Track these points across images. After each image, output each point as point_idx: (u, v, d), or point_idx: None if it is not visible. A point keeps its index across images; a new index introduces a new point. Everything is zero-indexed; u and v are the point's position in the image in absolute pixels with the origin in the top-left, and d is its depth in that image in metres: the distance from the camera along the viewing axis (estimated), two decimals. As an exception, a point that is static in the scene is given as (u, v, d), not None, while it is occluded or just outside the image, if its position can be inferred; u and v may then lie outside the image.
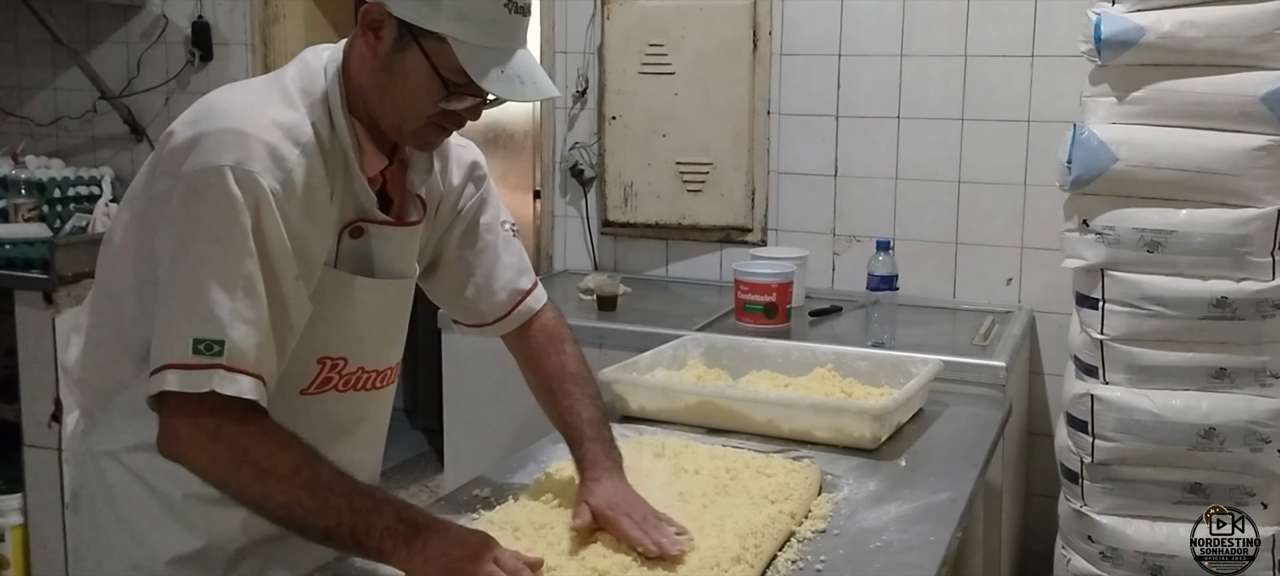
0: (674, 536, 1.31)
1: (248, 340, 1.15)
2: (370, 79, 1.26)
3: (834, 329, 2.73)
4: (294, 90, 1.27)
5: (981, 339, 2.59)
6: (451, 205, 1.50)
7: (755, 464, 1.66)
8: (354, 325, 1.35)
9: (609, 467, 1.43)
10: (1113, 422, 2.26)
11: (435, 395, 4.77)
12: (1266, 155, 2.15)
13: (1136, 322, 2.24)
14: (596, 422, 1.50)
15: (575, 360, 1.57)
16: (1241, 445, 2.20)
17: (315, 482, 1.16)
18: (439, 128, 1.29)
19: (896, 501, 1.59)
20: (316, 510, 1.15)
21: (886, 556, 1.40)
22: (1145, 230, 2.21)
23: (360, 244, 1.33)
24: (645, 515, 1.35)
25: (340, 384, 1.37)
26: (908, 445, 1.86)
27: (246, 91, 1.28)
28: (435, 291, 1.56)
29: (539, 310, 1.58)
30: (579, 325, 2.72)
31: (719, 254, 3.25)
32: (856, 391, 2.02)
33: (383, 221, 1.35)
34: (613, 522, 1.33)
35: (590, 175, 3.35)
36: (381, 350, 1.42)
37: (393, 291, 1.40)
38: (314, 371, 1.33)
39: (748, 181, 3.16)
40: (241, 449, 1.16)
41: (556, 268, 3.45)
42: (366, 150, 1.30)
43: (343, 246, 1.32)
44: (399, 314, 1.45)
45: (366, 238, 1.34)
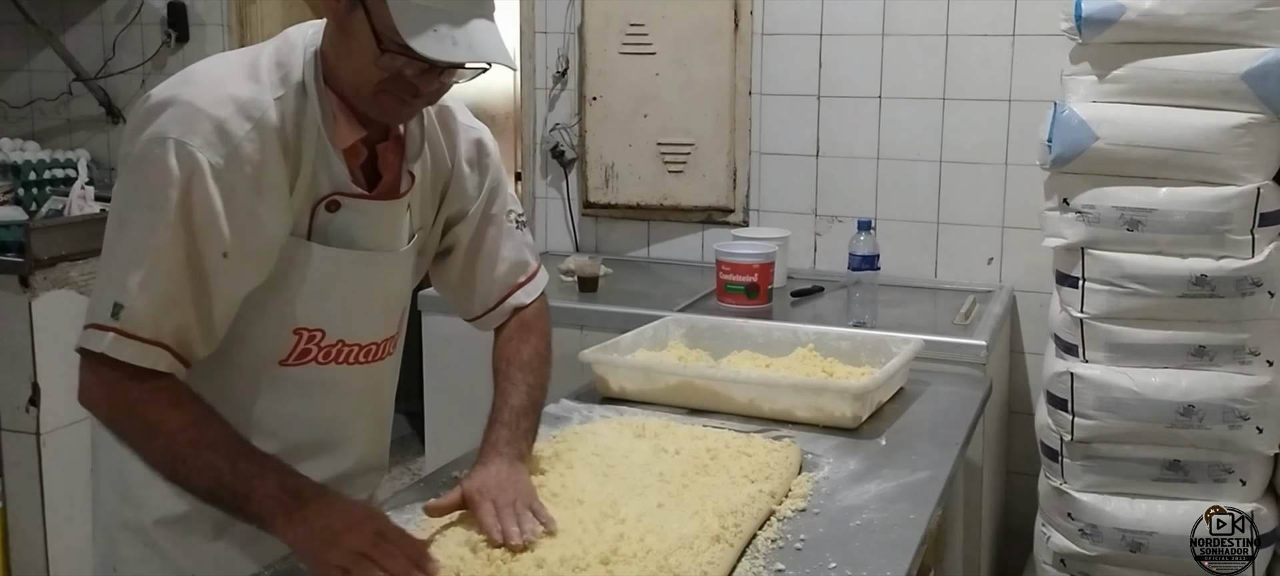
0: (531, 526, 1.28)
1: (149, 309, 1.19)
2: (332, 45, 1.28)
3: (815, 309, 2.73)
4: (268, 64, 1.28)
5: (962, 318, 2.59)
6: (462, 191, 1.50)
7: (736, 443, 1.66)
8: (329, 297, 1.35)
9: (504, 453, 1.39)
10: (1092, 400, 2.27)
11: (416, 377, 4.74)
12: (1246, 133, 2.16)
13: (1116, 301, 2.25)
14: (519, 409, 1.46)
15: (531, 350, 1.54)
16: (1220, 422, 2.21)
17: (199, 442, 1.19)
18: (396, 98, 1.27)
19: (877, 480, 1.59)
20: (198, 470, 1.18)
21: (866, 535, 1.40)
22: (1125, 209, 2.22)
23: (338, 217, 1.33)
24: (513, 502, 1.31)
25: (320, 356, 1.37)
26: (888, 424, 1.86)
27: (220, 65, 1.30)
28: (442, 278, 1.57)
29: (527, 304, 1.57)
30: (560, 306, 2.71)
31: (701, 235, 3.24)
32: (838, 371, 2.02)
33: (356, 194, 1.34)
34: (476, 507, 1.30)
35: (571, 156, 3.33)
36: (363, 324, 1.41)
37: (372, 265, 1.38)
38: (291, 342, 1.35)
39: (729, 162, 3.15)
40: (132, 404, 1.21)
41: (538, 248, 3.43)
42: (340, 122, 1.30)
43: (318, 219, 1.32)
44: (384, 289, 1.43)
45: (343, 211, 1.33)
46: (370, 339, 1.43)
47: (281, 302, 1.32)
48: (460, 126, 1.49)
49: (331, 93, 1.30)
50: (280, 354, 1.35)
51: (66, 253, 3.04)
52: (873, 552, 1.34)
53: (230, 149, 1.21)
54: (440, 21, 1.19)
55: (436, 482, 1.56)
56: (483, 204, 1.52)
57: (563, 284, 2.94)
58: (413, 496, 1.50)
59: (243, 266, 1.26)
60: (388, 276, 1.42)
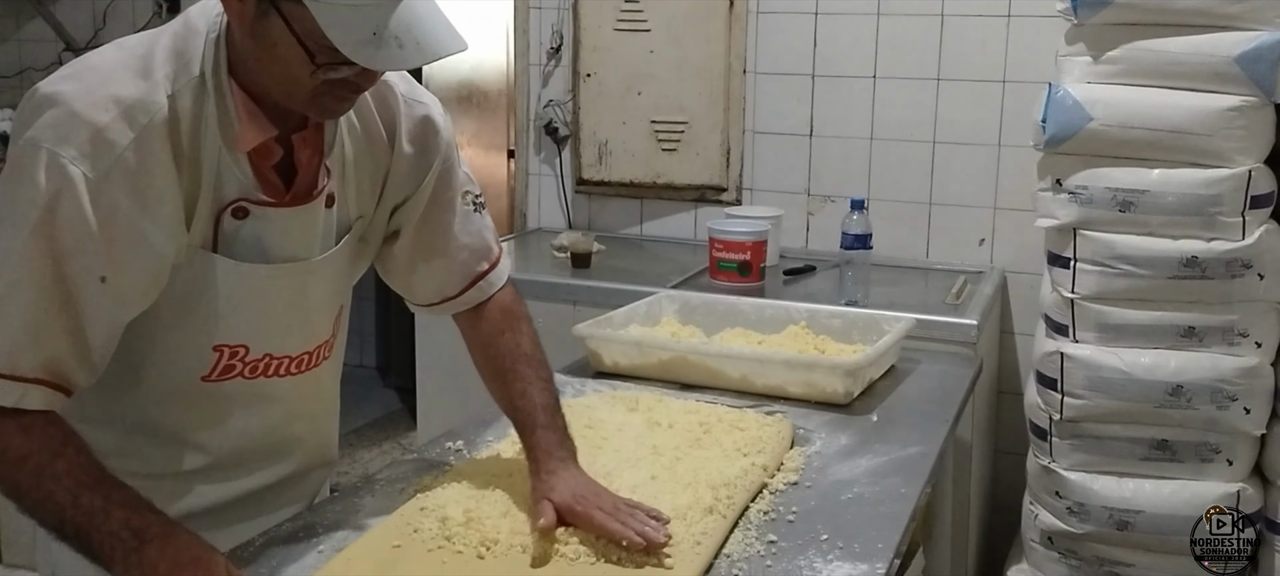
0: (654, 523, 1.24)
1: (4, 344, 1.07)
2: (243, 48, 1.14)
3: (807, 287, 2.73)
4: (163, 55, 1.14)
5: (953, 298, 2.60)
6: (406, 176, 1.35)
7: (728, 418, 1.67)
8: (247, 312, 1.23)
9: (564, 458, 1.32)
10: (1082, 380, 2.28)
11: (408, 353, 4.74)
12: (1239, 116, 2.16)
13: (1107, 282, 2.26)
14: (550, 408, 1.36)
15: (530, 341, 1.43)
16: (1208, 403, 2.22)
17: (42, 472, 1.07)
18: (336, 99, 1.15)
19: (868, 455, 1.60)
20: (40, 503, 1.07)
21: (858, 508, 1.41)
22: (1118, 190, 2.22)
23: (246, 226, 1.20)
24: (616, 505, 1.26)
25: (246, 371, 1.27)
26: (879, 401, 1.87)
27: (112, 56, 1.15)
28: (386, 264, 1.43)
29: (496, 290, 1.44)
30: (553, 282, 2.73)
31: (693, 213, 3.24)
32: (829, 348, 2.03)
33: (264, 202, 1.20)
34: (584, 518, 1.23)
35: (565, 133, 3.32)
36: (291, 337, 1.30)
37: (289, 276, 1.25)
38: (211, 359, 1.24)
39: (723, 141, 3.15)
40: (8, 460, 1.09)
41: (530, 226, 3.43)
42: (245, 123, 1.15)
43: (224, 228, 1.19)
44: (310, 298, 1.30)
45: (251, 219, 1.20)
46: (301, 349, 1.31)
47: (196, 320, 1.21)
48: (401, 104, 1.33)
49: (237, 87, 1.15)
50: (202, 370, 1.24)
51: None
52: (864, 525, 1.35)
53: (110, 161, 1.07)
54: (374, 20, 1.03)
55: (431, 455, 1.56)
56: (432, 186, 1.37)
57: (556, 260, 2.94)
58: (408, 469, 1.51)
59: (126, 291, 1.12)
60: (312, 284, 1.29)
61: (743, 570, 1.23)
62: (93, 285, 1.09)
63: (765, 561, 1.25)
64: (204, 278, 1.19)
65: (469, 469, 1.45)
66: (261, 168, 1.20)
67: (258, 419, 1.32)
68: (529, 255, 3.16)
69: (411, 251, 1.39)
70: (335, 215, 1.29)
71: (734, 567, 1.23)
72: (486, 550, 1.22)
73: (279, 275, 1.24)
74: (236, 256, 1.20)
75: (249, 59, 1.14)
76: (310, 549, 1.26)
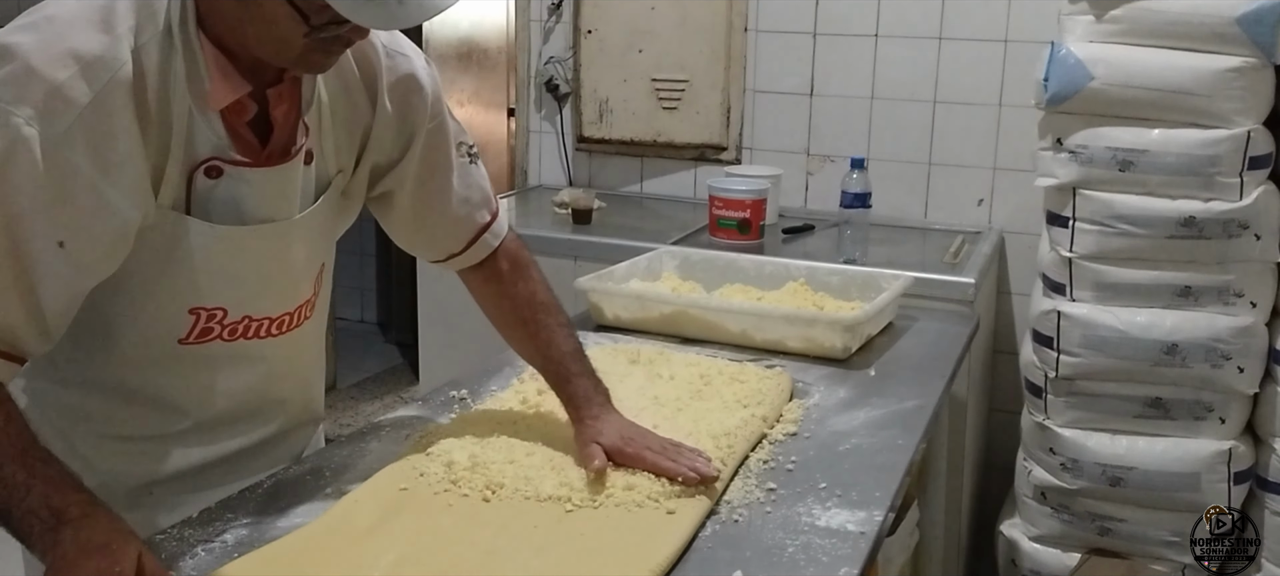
0: (703, 458, 1.29)
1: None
2: (222, 6, 1.08)
3: (806, 246, 2.75)
4: (127, 7, 1.07)
5: (951, 257, 2.61)
6: (389, 138, 1.31)
7: (728, 371, 1.68)
8: (223, 275, 1.20)
9: (604, 403, 1.37)
10: (1078, 338, 2.31)
11: (408, 309, 4.76)
12: (1239, 77, 2.17)
13: (1105, 241, 2.27)
14: (578, 354, 1.40)
15: (543, 288, 1.43)
16: (1203, 361, 2.25)
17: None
18: (324, 54, 1.11)
19: (866, 408, 1.62)
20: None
21: (856, 458, 1.44)
22: (1118, 149, 2.23)
23: (221, 185, 1.15)
24: (665, 445, 1.31)
25: (224, 334, 1.23)
26: (877, 356, 1.89)
27: (71, 7, 1.06)
28: (389, 226, 1.41)
29: (500, 242, 1.43)
30: (554, 237, 2.74)
31: (693, 172, 3.24)
32: (828, 305, 2.04)
33: (238, 162, 1.16)
34: (636, 459, 1.29)
35: (565, 90, 3.32)
36: (270, 298, 1.26)
37: (265, 238, 1.21)
38: (188, 322, 1.20)
39: (723, 99, 3.15)
40: None
41: (531, 183, 3.44)
42: (217, 80, 1.10)
43: (197, 187, 1.14)
44: (289, 259, 1.26)
45: (225, 179, 1.15)
46: (281, 311, 1.28)
47: (171, 282, 1.17)
48: (382, 58, 1.27)
49: (207, 41, 1.10)
50: (178, 333, 1.20)
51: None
52: (862, 474, 1.37)
53: (68, 121, 1.01)
54: None
55: (435, 402, 1.58)
56: (421, 148, 1.32)
57: (556, 216, 2.95)
58: (413, 417, 1.53)
59: (86, 256, 1.07)
60: (290, 245, 1.25)
61: (743, 516, 1.25)
62: (50, 250, 1.04)
63: (765, 508, 1.27)
64: (177, 240, 1.15)
65: (474, 416, 1.47)
66: (235, 125, 1.15)
67: (239, 380, 1.29)
68: (530, 211, 3.17)
69: (412, 213, 1.37)
70: (314, 171, 1.25)
71: (735, 513, 1.25)
72: (492, 494, 1.24)
73: (256, 236, 1.20)
74: (211, 217, 1.16)
75: (228, 15, 1.08)
76: (317, 491, 1.28)
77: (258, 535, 1.17)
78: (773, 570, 1.13)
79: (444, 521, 1.19)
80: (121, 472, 1.24)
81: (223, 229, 1.16)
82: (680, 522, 1.19)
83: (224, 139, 1.14)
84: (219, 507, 1.23)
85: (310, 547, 1.13)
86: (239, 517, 1.21)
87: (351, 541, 1.14)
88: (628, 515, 1.21)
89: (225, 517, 1.21)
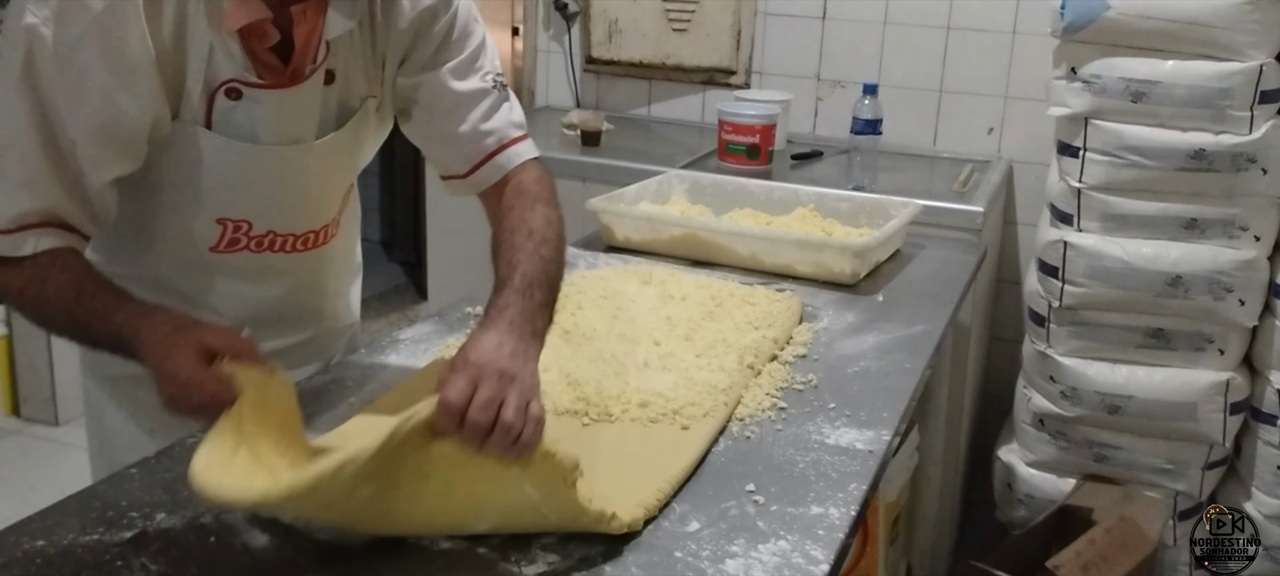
0: (515, 420, 0.98)
1: (6, 200, 1.12)
2: None
3: (814, 173, 2.75)
4: None
5: (960, 186, 2.62)
6: (407, 51, 1.30)
7: (739, 293, 1.71)
8: (245, 190, 1.25)
9: (511, 322, 1.09)
10: (1083, 268, 2.33)
11: (412, 227, 4.75)
12: (1254, 9, 2.15)
13: (1115, 172, 2.28)
14: (533, 278, 1.16)
15: (541, 219, 1.27)
16: (1205, 294, 2.27)
17: (79, 297, 1.12)
18: None
19: (874, 332, 1.65)
20: (84, 325, 1.13)
21: (864, 380, 1.46)
22: (1131, 80, 2.23)
23: (241, 106, 1.19)
24: (501, 386, 0.99)
25: (251, 244, 1.29)
26: (885, 282, 1.91)
27: None
28: (415, 139, 1.39)
29: (515, 168, 1.33)
30: (563, 159, 2.74)
31: (702, 95, 3.23)
32: (837, 231, 2.06)
33: (256, 84, 1.19)
34: (448, 380, 0.99)
35: (574, 10, 3.29)
36: (292, 216, 1.31)
37: (282, 160, 1.25)
38: (216, 232, 1.27)
39: (734, 22, 3.12)
40: (20, 288, 1.15)
41: (538, 103, 3.42)
42: (233, 1, 1.14)
43: (218, 106, 1.19)
44: (311, 180, 1.30)
45: (245, 100, 1.19)
46: (305, 228, 1.33)
47: (197, 192, 1.23)
48: None
49: None
50: (209, 242, 1.27)
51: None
52: (870, 396, 1.40)
53: (82, 24, 1.08)
54: None
55: (451, 318, 1.60)
56: (449, 58, 1.30)
57: (565, 137, 2.95)
58: (430, 330, 1.55)
59: (99, 154, 1.13)
60: (311, 167, 1.28)
61: (754, 432, 1.28)
62: (69, 144, 1.12)
63: (775, 425, 1.30)
64: (200, 155, 1.20)
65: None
66: (257, 49, 1.17)
67: (270, 290, 1.35)
68: (537, 132, 3.10)
69: (424, 121, 1.34)
70: (335, 93, 1.26)
71: (746, 429, 1.28)
72: None
73: (273, 156, 1.23)
74: (232, 136, 1.20)
75: None
76: (341, 400, 1.31)
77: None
78: (784, 485, 1.16)
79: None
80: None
81: (240, 145, 1.21)
82: (694, 438, 1.22)
83: (243, 61, 1.17)
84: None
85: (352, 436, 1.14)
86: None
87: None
88: (643, 430, 1.24)
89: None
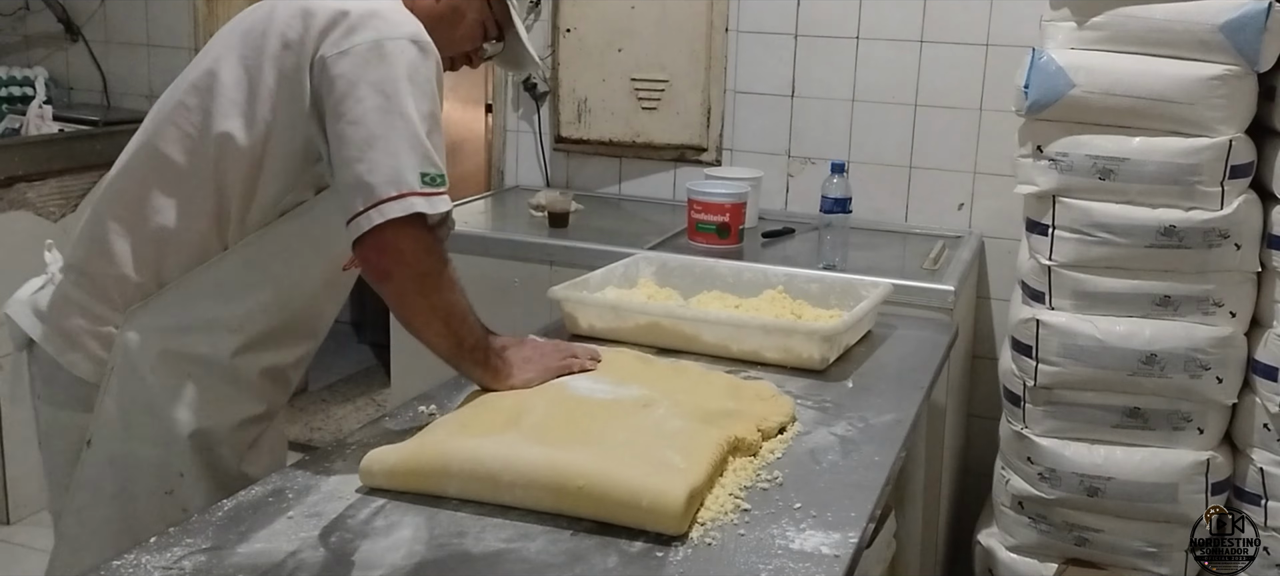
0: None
1: (445, 174, 1.41)
2: (426, 7, 1.52)
3: (786, 250, 2.72)
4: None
5: (931, 263, 2.59)
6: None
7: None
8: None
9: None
10: (1057, 347, 2.29)
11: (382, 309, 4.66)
12: (1222, 84, 2.15)
13: (1085, 249, 2.26)
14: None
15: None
16: (1181, 371, 2.24)
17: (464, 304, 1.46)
18: (464, 61, 1.62)
19: (843, 422, 1.60)
20: (466, 323, 1.46)
21: (832, 475, 1.41)
22: (1098, 157, 2.22)
23: None
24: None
25: (351, 263, 1.49)
26: (855, 366, 1.87)
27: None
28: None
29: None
30: (529, 242, 2.71)
31: (673, 173, 3.21)
32: (806, 313, 2.02)
33: None
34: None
35: (543, 89, 3.28)
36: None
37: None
38: (348, 251, 1.43)
39: (704, 100, 3.12)
40: (444, 260, 1.41)
41: (508, 183, 3.40)
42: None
43: None
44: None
45: None
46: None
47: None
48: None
49: None
50: (345, 258, 1.47)
51: (24, 173, 2.98)
52: (838, 493, 1.35)
53: (434, 54, 1.44)
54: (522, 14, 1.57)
55: (403, 420, 1.55)
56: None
57: (533, 219, 2.92)
58: (379, 435, 1.49)
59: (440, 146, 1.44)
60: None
61: (716, 538, 1.22)
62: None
63: (738, 530, 1.24)
64: None
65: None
66: None
67: (332, 307, 1.64)
68: (506, 213, 3.13)
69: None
70: None
71: (707, 535, 1.22)
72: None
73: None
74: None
75: (426, 17, 1.48)
76: (279, 514, 1.24)
77: (217, 561, 1.14)
78: (745, 598, 1.10)
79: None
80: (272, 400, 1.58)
81: None
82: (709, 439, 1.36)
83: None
84: (177, 533, 1.19)
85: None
86: (198, 543, 1.17)
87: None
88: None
89: (184, 542, 1.17)
